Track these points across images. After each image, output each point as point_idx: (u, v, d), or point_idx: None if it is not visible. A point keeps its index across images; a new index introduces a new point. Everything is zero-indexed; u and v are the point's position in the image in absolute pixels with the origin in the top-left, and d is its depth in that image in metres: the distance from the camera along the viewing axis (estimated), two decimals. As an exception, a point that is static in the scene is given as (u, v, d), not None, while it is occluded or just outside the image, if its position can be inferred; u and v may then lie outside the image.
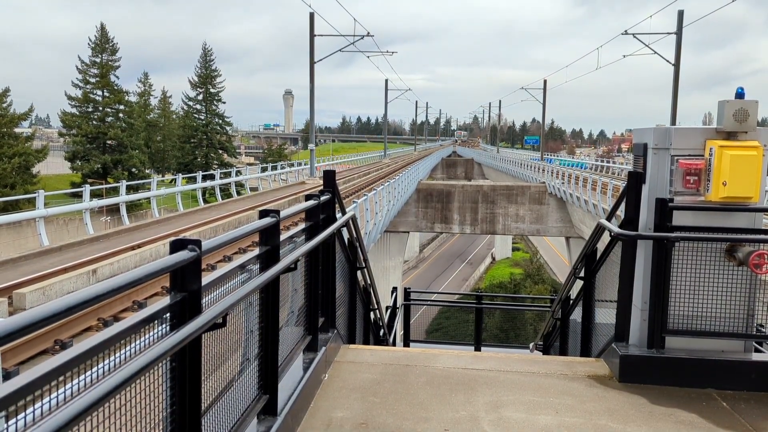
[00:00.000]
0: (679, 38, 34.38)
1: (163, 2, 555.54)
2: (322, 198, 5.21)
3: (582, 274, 6.70)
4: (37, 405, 1.60)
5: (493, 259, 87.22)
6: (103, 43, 53.24)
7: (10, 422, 1.55)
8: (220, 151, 67.43)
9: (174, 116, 75.69)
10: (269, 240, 3.62)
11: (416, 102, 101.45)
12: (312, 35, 35.16)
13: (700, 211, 5.08)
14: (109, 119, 52.95)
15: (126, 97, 54.94)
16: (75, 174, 52.61)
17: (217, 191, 33.97)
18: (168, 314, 2.37)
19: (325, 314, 5.44)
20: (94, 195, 22.99)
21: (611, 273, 5.66)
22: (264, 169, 44.41)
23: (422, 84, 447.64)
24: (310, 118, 36.83)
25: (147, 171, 57.46)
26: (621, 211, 5.82)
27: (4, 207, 25.14)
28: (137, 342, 2.13)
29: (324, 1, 34.12)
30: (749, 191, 4.89)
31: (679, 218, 5.07)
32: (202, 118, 65.74)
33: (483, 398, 4.73)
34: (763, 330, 5.20)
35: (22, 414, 1.56)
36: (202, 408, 2.58)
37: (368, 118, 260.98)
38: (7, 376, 6.38)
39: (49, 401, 1.65)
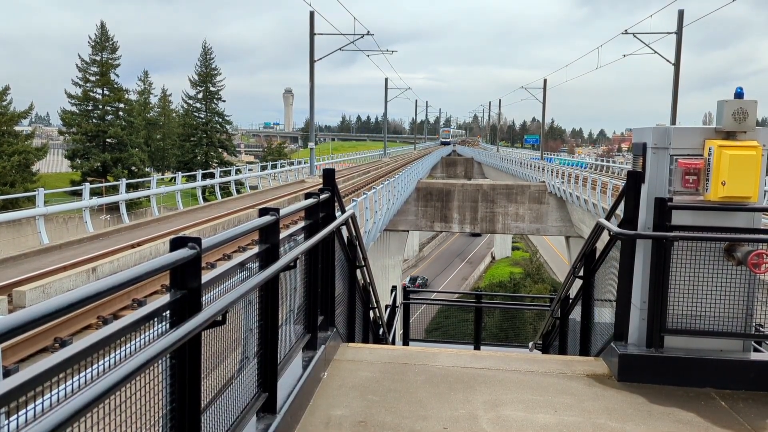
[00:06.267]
0: (679, 38, 34.37)
1: (166, 1, 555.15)
2: (322, 196, 5.21)
3: (581, 273, 6.71)
4: (38, 402, 1.61)
5: (493, 258, 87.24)
6: (103, 42, 53.17)
7: (11, 419, 1.56)
8: (220, 150, 67.34)
9: (174, 114, 75.62)
10: (269, 238, 3.63)
11: (416, 101, 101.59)
12: (312, 34, 35.14)
13: (699, 211, 5.09)
14: (109, 117, 52.86)
15: (126, 96, 54.86)
16: (75, 172, 52.55)
17: (217, 190, 33.97)
18: (168, 312, 2.37)
19: (325, 313, 5.45)
20: (94, 193, 23.00)
21: (610, 272, 5.67)
22: (264, 168, 44.39)
23: (423, 83, 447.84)
24: (310, 116, 36.82)
25: (147, 169, 57.37)
26: (620, 211, 5.83)
27: (3, 205, 25.14)
28: (137, 339, 2.14)
29: (325, 0, 34.10)
30: (748, 191, 4.90)
31: (678, 218, 5.08)
32: (202, 116, 65.65)
33: (482, 397, 4.74)
34: (762, 329, 5.20)
35: (23, 411, 1.57)
36: (202, 405, 2.59)
37: (368, 117, 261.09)
38: (7, 374, 6.38)
39: (50, 398, 1.66)
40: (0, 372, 5.78)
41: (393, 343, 10.55)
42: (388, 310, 10.97)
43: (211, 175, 36.33)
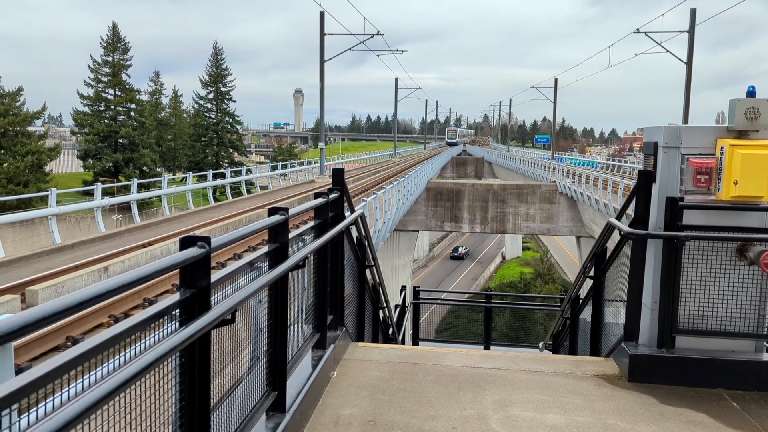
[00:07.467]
0: (691, 36, 34.14)
1: (178, 2, 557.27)
2: (331, 196, 5.22)
3: (592, 273, 6.68)
4: (49, 399, 1.62)
5: (503, 258, 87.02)
6: (115, 43, 53.52)
7: (22, 416, 1.57)
8: (231, 150, 67.61)
9: (185, 115, 75.96)
10: (278, 237, 3.64)
11: (426, 101, 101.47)
12: (322, 34, 35.20)
13: (710, 210, 5.05)
14: (120, 118, 53.22)
15: (137, 96, 55.18)
16: (87, 172, 52.97)
17: (228, 190, 34.11)
18: (178, 310, 2.38)
19: (334, 312, 5.46)
20: (106, 193, 23.12)
21: (621, 272, 5.64)
22: (274, 168, 44.51)
23: (433, 83, 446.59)
24: (320, 116, 36.89)
25: (158, 169, 57.65)
26: (631, 210, 5.80)
27: (17, 205, 25.39)
28: (147, 338, 2.15)
29: (335, 0, 34.16)
30: (760, 190, 4.86)
31: (689, 217, 5.05)
32: (213, 116, 65.95)
33: (491, 397, 4.73)
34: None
35: (34, 408, 1.58)
36: (212, 404, 2.60)
37: (378, 117, 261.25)
38: (19, 372, 6.43)
39: (61, 396, 1.67)
40: (12, 369, 5.84)
41: (403, 343, 10.55)
42: (398, 310, 10.97)
43: (222, 175, 36.48)
